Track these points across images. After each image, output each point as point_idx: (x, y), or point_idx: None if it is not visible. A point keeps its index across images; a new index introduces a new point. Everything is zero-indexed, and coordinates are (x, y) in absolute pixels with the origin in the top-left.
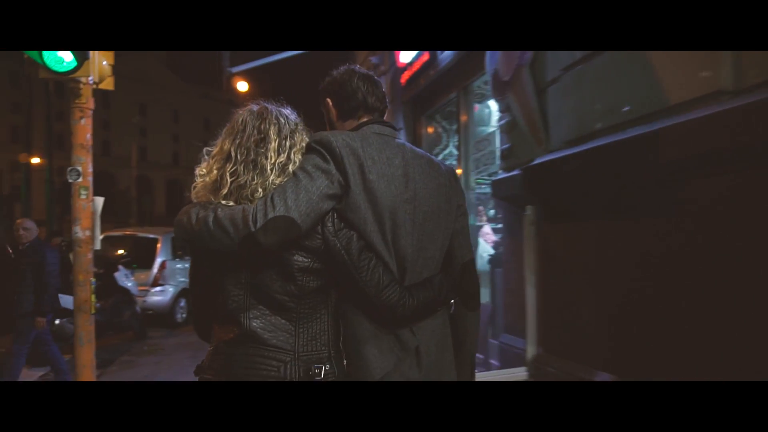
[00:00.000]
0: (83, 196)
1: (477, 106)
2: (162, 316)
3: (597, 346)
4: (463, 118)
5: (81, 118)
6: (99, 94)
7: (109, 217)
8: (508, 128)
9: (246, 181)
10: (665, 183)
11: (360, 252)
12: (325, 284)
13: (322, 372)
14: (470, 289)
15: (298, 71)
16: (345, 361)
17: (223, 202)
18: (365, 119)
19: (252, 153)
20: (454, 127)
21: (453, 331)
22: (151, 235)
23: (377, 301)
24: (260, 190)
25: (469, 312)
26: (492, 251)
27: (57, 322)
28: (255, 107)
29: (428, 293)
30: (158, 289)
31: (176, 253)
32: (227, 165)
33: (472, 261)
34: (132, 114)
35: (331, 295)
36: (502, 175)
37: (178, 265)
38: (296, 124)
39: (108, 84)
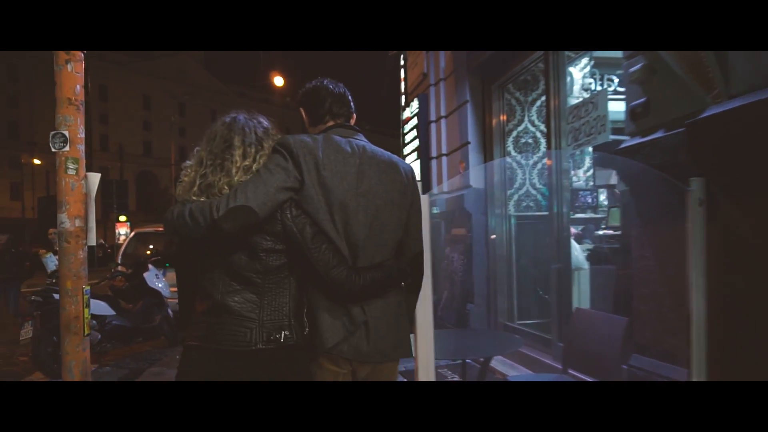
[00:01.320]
0: (71, 171)
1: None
2: None
3: None
4: (552, 82)
5: (67, 62)
6: (141, 97)
7: (151, 216)
8: (642, 76)
9: (214, 181)
10: None
11: (313, 236)
12: (286, 263)
13: (282, 337)
14: (416, 276)
15: (334, 59)
16: (306, 330)
17: (194, 198)
18: (331, 123)
19: (219, 158)
20: (530, 98)
21: None
22: None
23: (327, 278)
24: (226, 188)
25: (410, 294)
26: (578, 246)
27: None
28: (227, 119)
29: (376, 274)
30: None
31: None
32: (199, 168)
33: (421, 253)
34: (171, 114)
35: (292, 273)
36: (633, 140)
37: None
38: (265, 131)
39: None
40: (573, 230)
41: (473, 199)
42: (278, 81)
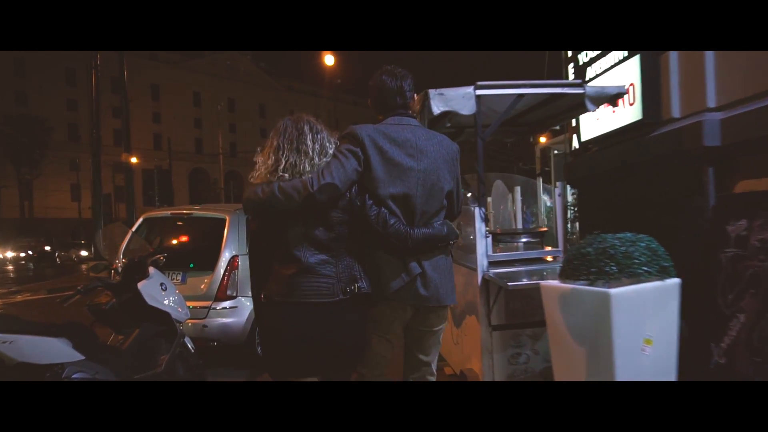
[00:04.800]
0: None
1: None
2: (233, 350)
3: None
4: None
5: None
6: (191, 94)
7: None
8: None
9: (296, 161)
10: None
11: (371, 207)
12: (353, 232)
13: (356, 288)
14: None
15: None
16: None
17: (280, 176)
18: (392, 113)
19: (295, 142)
20: None
21: None
22: (216, 215)
23: (385, 234)
24: (308, 167)
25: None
26: None
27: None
28: (291, 117)
29: (426, 231)
30: (226, 304)
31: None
32: (279, 152)
33: (455, 216)
34: (221, 110)
35: (358, 238)
36: None
37: None
38: (320, 123)
39: None
40: None
41: None
42: (329, 60)
